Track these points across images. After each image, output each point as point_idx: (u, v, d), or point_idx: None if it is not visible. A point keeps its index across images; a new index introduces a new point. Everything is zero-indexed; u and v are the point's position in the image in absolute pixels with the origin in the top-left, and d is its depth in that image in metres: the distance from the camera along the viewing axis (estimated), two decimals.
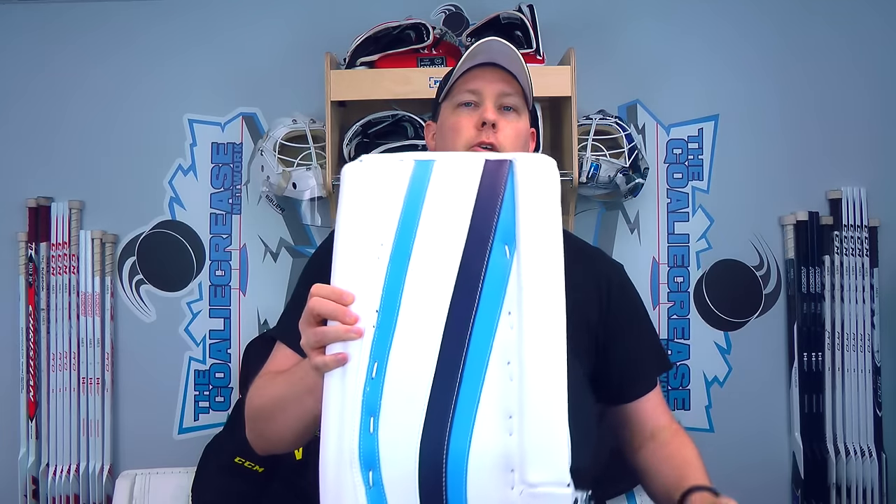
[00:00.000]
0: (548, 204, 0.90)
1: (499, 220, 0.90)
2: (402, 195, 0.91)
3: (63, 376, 2.29)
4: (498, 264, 0.87)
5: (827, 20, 2.34)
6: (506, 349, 0.84)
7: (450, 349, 0.84)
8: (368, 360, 0.84)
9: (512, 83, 1.19)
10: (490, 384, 0.83)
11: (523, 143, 1.22)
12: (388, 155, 0.95)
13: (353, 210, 0.91)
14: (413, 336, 0.85)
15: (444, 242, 0.89)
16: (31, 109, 2.38)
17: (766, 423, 2.30)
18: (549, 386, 0.83)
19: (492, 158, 0.94)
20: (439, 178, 0.92)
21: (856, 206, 2.28)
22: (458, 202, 0.91)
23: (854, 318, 2.26)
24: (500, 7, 2.08)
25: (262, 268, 2.35)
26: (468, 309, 0.85)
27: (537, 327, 0.84)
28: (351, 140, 2.12)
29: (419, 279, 0.87)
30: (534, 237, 0.88)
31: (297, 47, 2.34)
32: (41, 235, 2.33)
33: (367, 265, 0.88)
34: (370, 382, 0.83)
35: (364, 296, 0.87)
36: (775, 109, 2.34)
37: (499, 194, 0.91)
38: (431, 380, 0.83)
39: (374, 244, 0.89)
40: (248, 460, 2.04)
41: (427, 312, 0.86)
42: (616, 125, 2.15)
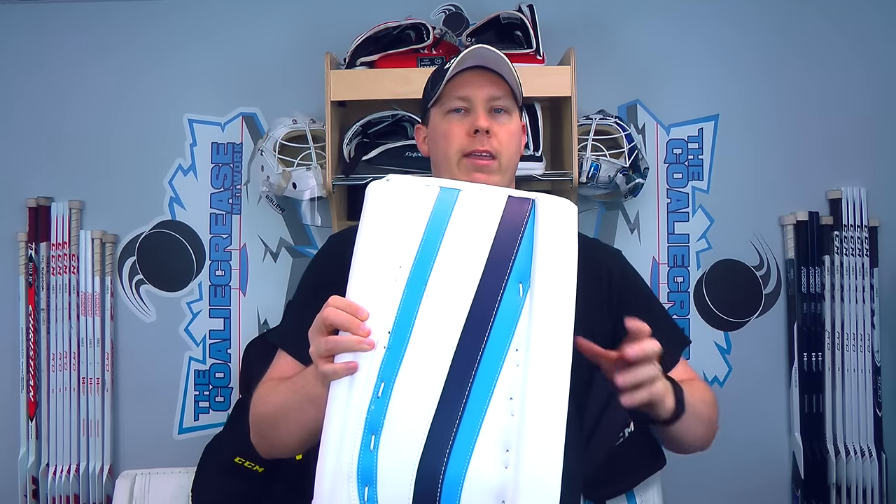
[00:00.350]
0: (565, 248, 0.93)
1: (516, 259, 0.92)
2: (424, 221, 0.94)
3: (63, 376, 2.29)
4: (511, 301, 0.90)
5: (827, 20, 2.34)
6: (510, 385, 0.87)
7: (456, 379, 0.86)
8: (376, 379, 0.86)
9: (500, 84, 1.19)
10: (491, 417, 0.85)
11: (517, 143, 1.23)
12: (415, 178, 0.98)
13: (375, 229, 0.94)
14: (422, 361, 0.87)
15: (460, 273, 0.92)
16: (31, 109, 2.38)
17: (766, 423, 2.30)
18: (548, 425, 0.85)
19: (515, 195, 0.97)
20: (462, 209, 0.95)
21: (856, 206, 2.28)
22: (478, 235, 0.94)
23: (854, 318, 2.25)
24: (500, 7, 2.08)
25: (262, 268, 2.35)
26: (478, 341, 0.88)
27: (543, 367, 0.87)
28: (351, 140, 2.12)
29: (433, 306, 0.90)
30: (548, 279, 0.91)
31: (297, 47, 2.34)
32: (41, 235, 2.33)
33: (383, 285, 0.90)
34: (375, 401, 0.85)
35: (378, 315, 0.89)
36: (775, 109, 2.34)
37: (518, 232, 0.94)
38: (435, 406, 0.85)
39: (393, 266, 0.91)
40: (248, 460, 2.04)
41: (437, 340, 0.88)
42: (616, 125, 2.15)
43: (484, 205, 0.96)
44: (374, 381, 0.86)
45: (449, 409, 0.85)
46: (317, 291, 1.21)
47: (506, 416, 0.85)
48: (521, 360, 0.87)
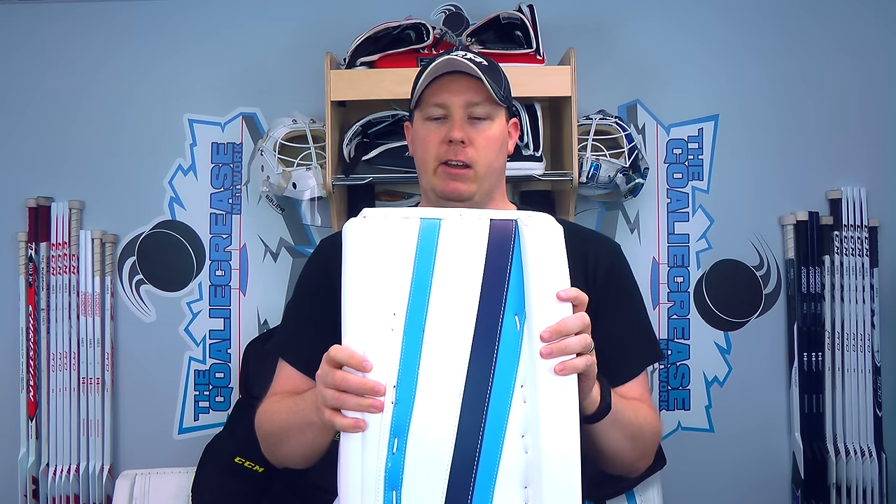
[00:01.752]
0: (555, 273, 0.92)
1: (508, 290, 0.91)
2: (411, 259, 0.92)
3: (63, 376, 2.29)
4: (510, 337, 0.89)
5: (827, 20, 2.34)
6: (521, 422, 0.87)
7: (468, 424, 0.86)
8: (389, 436, 0.86)
9: (480, 90, 1.17)
10: (507, 456, 0.86)
11: (498, 148, 1.21)
12: (393, 212, 0.95)
13: (361, 273, 0.91)
14: (432, 411, 0.87)
15: (456, 313, 0.90)
16: (32, 109, 2.38)
17: (766, 423, 2.30)
18: (563, 457, 0.86)
19: (496, 218, 0.95)
20: (447, 241, 0.93)
21: (856, 206, 2.27)
22: (467, 269, 0.92)
23: (854, 318, 2.25)
24: (500, 7, 2.08)
25: (262, 268, 2.35)
26: (484, 383, 0.87)
27: (550, 401, 0.87)
28: (351, 140, 2.12)
29: (434, 352, 0.89)
30: (542, 308, 0.90)
31: (297, 47, 2.34)
32: (41, 235, 2.33)
33: (381, 337, 0.89)
34: (391, 457, 0.85)
35: (381, 371, 0.87)
36: (775, 109, 2.33)
37: (507, 261, 0.92)
38: (451, 454, 0.85)
39: (387, 313, 0.89)
40: (248, 460, 2.04)
41: (444, 387, 0.87)
42: (616, 125, 2.15)
43: (468, 233, 0.94)
44: (388, 438, 0.85)
45: (465, 454, 0.85)
46: (311, 299, 1.22)
47: (520, 453, 0.86)
48: (527, 396, 0.88)
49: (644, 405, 1.16)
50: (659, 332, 2.29)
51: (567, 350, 0.89)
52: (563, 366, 0.88)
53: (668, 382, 2.31)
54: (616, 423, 1.05)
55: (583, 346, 0.90)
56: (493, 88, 1.16)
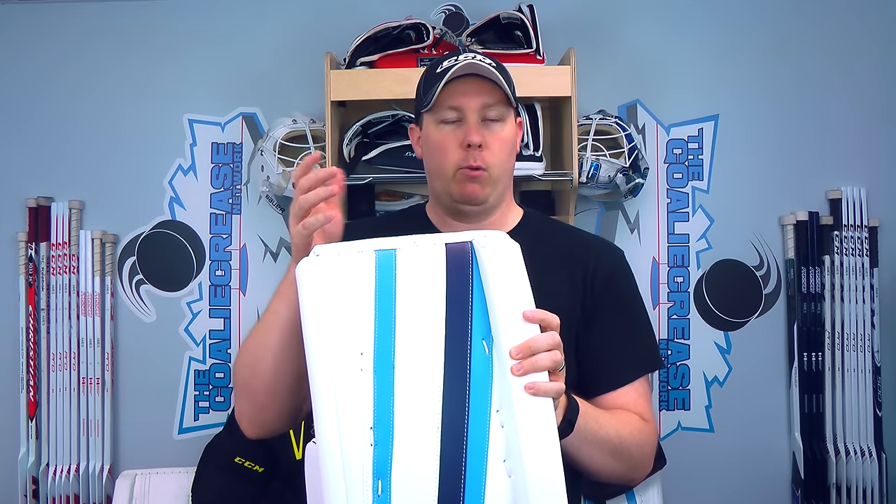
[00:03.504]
0: (516, 289, 0.90)
1: (472, 316, 0.90)
2: (370, 294, 0.90)
3: (63, 376, 2.29)
4: (480, 363, 0.88)
5: (827, 20, 2.34)
6: (500, 446, 0.86)
7: (449, 456, 0.85)
8: (372, 479, 0.84)
9: (493, 92, 1.17)
10: (491, 482, 0.85)
11: (510, 150, 1.21)
12: (346, 247, 0.93)
13: (321, 315, 0.88)
14: (412, 448, 0.86)
15: (424, 345, 0.89)
16: (32, 109, 2.38)
17: (766, 423, 2.30)
18: (546, 476, 0.85)
19: (451, 242, 0.93)
20: (405, 272, 0.91)
21: (856, 206, 2.27)
22: (429, 297, 0.90)
23: (854, 318, 2.25)
24: (500, 7, 2.08)
25: (262, 268, 2.35)
26: (460, 413, 0.87)
27: (526, 422, 0.86)
28: (351, 140, 2.12)
29: (407, 388, 0.87)
30: (509, 330, 0.89)
31: (297, 47, 2.33)
32: (41, 235, 2.33)
33: (351, 380, 0.87)
34: (377, 500, 0.84)
35: (356, 414, 0.86)
36: (775, 109, 2.33)
37: (468, 283, 0.91)
38: (437, 488, 0.85)
39: (354, 354, 0.87)
40: (248, 460, 2.04)
41: (421, 422, 0.86)
42: (616, 125, 2.15)
43: (425, 261, 0.92)
44: (371, 481, 0.84)
45: (450, 486, 0.85)
46: None
47: (504, 478, 0.85)
48: (504, 420, 0.87)
49: (632, 416, 1.14)
50: (659, 332, 2.29)
51: (537, 366, 0.87)
52: (535, 388, 0.87)
53: (668, 382, 2.31)
54: (588, 440, 1.04)
55: (553, 362, 0.89)
56: (507, 91, 1.17)
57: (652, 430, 1.17)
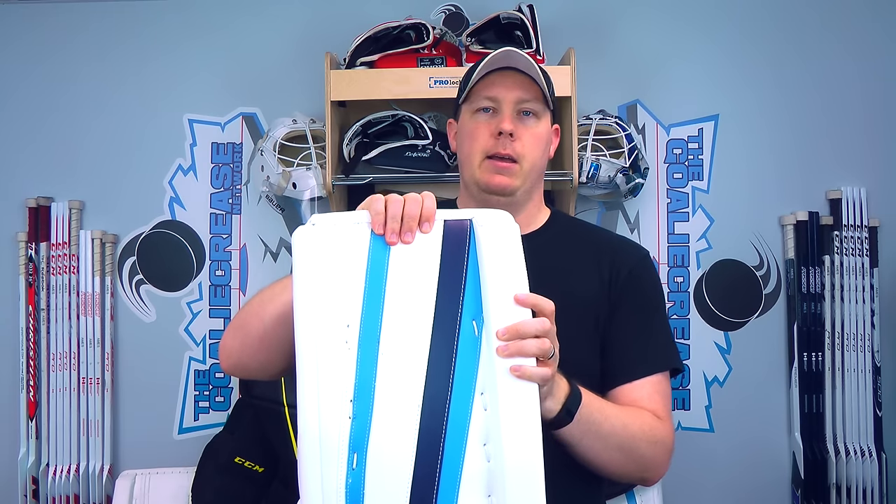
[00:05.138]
0: (511, 270, 0.89)
1: (465, 294, 0.89)
2: (363, 266, 0.89)
3: (63, 376, 2.29)
4: (468, 343, 0.87)
5: (826, 20, 2.34)
6: (481, 430, 0.85)
7: (428, 435, 0.84)
8: (348, 452, 0.84)
9: (531, 87, 1.17)
10: (469, 465, 0.84)
11: (543, 147, 1.20)
12: (343, 216, 0.92)
13: (312, 285, 0.88)
14: (390, 424, 0.85)
15: (412, 320, 0.87)
16: (31, 109, 2.38)
17: (766, 423, 2.30)
18: (526, 464, 0.84)
19: (451, 219, 0.92)
20: (400, 245, 0.90)
21: (856, 206, 2.27)
22: (422, 273, 0.89)
23: (854, 318, 2.25)
24: (500, 7, 2.08)
25: (262, 268, 2.35)
26: (443, 393, 0.85)
27: (510, 408, 0.85)
28: (351, 140, 2.12)
29: (391, 363, 0.86)
30: (501, 312, 0.87)
31: (297, 47, 2.34)
32: (41, 235, 2.33)
33: (335, 352, 0.86)
34: (351, 474, 0.83)
35: (337, 385, 0.85)
36: (775, 109, 2.33)
37: (462, 263, 0.90)
38: (412, 466, 0.84)
39: (340, 326, 0.87)
40: (248, 460, 2.04)
41: (402, 399, 0.85)
42: (616, 125, 2.15)
43: (421, 236, 0.91)
44: (347, 454, 0.83)
45: (426, 466, 0.83)
46: None
47: (483, 462, 0.84)
48: (488, 404, 0.85)
49: (643, 412, 1.12)
50: None
51: (523, 351, 0.87)
52: (521, 371, 0.86)
53: None
54: (591, 432, 1.02)
55: (541, 350, 0.88)
56: (544, 88, 1.17)
57: (666, 428, 1.14)
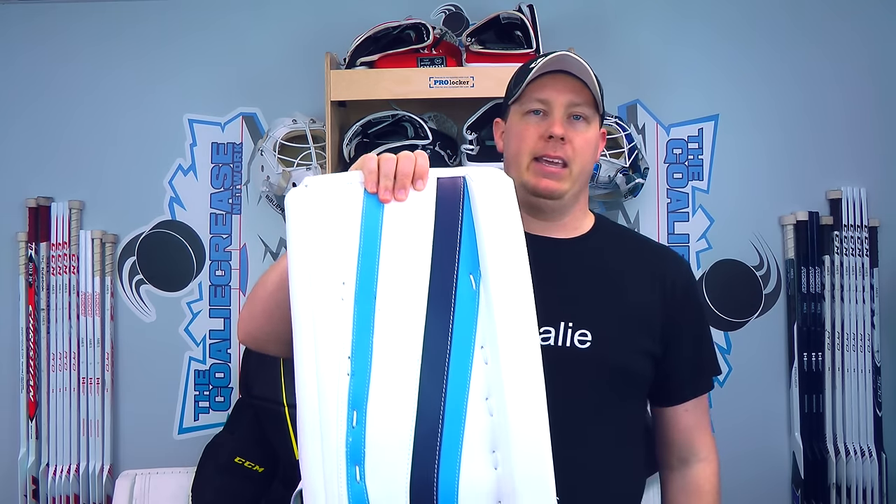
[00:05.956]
0: (508, 227, 0.89)
1: (461, 249, 0.88)
2: (357, 224, 0.88)
3: (63, 376, 2.29)
4: (466, 297, 0.86)
5: (827, 20, 2.34)
6: (483, 384, 0.84)
7: (428, 390, 0.83)
8: (347, 409, 0.82)
9: (582, 91, 1.17)
10: (472, 420, 0.83)
11: (592, 151, 1.20)
12: (336, 176, 0.92)
13: (306, 244, 0.87)
14: (389, 380, 0.84)
15: (408, 277, 0.87)
16: (32, 110, 2.38)
17: (766, 423, 2.30)
18: (529, 417, 0.83)
19: (444, 176, 0.92)
20: (394, 203, 0.90)
21: (856, 206, 2.27)
22: (417, 229, 0.89)
23: (854, 318, 2.25)
24: (500, 7, 2.08)
25: (262, 268, 2.35)
26: (442, 347, 0.84)
27: (512, 360, 0.84)
28: (351, 140, 2.12)
29: (388, 319, 0.85)
30: (499, 266, 0.87)
31: (297, 47, 2.34)
32: (41, 235, 2.33)
33: (331, 308, 0.85)
34: (351, 432, 0.82)
35: (334, 342, 0.84)
36: (775, 109, 2.33)
37: (457, 219, 0.89)
38: (413, 422, 0.83)
39: (336, 283, 0.86)
40: (248, 460, 2.04)
41: (401, 354, 0.84)
42: (616, 125, 2.15)
43: (415, 194, 0.90)
44: (346, 412, 0.82)
45: (427, 423, 0.82)
46: None
47: (486, 416, 0.83)
48: (488, 357, 0.85)
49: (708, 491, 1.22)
50: None
51: None
52: None
53: None
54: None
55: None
56: (595, 93, 1.17)
57: (713, 468, 1.24)
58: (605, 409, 1.13)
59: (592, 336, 1.11)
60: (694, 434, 1.24)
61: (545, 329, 1.11)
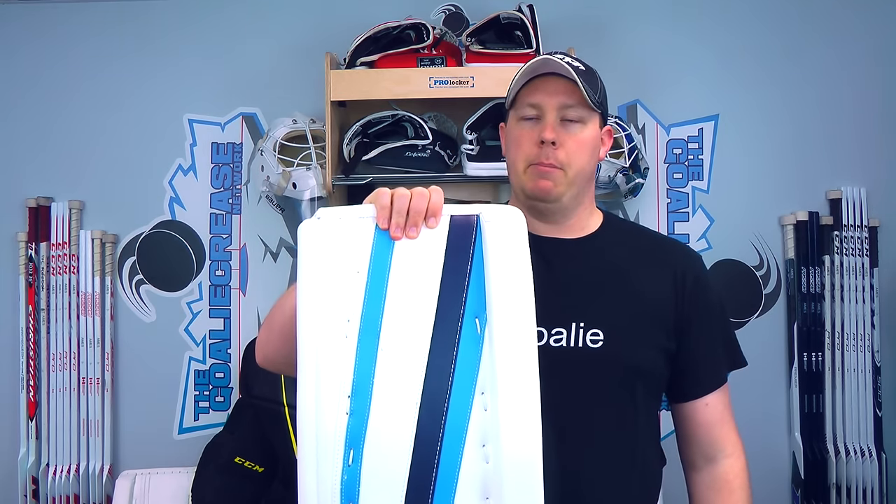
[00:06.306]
0: (517, 270, 0.88)
1: (468, 291, 0.87)
2: (366, 261, 0.88)
3: (63, 376, 2.29)
4: (469, 341, 0.86)
5: (827, 20, 2.34)
6: (481, 431, 0.84)
7: (425, 434, 0.83)
8: (344, 448, 0.83)
9: (574, 92, 1.16)
10: (467, 466, 0.83)
11: (590, 152, 1.19)
12: (349, 209, 0.91)
13: (315, 278, 0.87)
14: (388, 421, 0.84)
15: (413, 316, 0.86)
16: (32, 109, 2.38)
17: (766, 423, 2.30)
18: (525, 466, 0.83)
19: (457, 214, 0.91)
20: (405, 241, 0.89)
21: (856, 206, 2.27)
22: (425, 268, 0.88)
23: (854, 318, 2.25)
24: (500, 7, 2.08)
25: (262, 268, 2.35)
26: (442, 391, 0.84)
27: (511, 409, 0.84)
28: (351, 140, 2.12)
29: (390, 359, 0.85)
30: (505, 311, 0.86)
31: (297, 47, 2.33)
32: (41, 235, 2.33)
33: (334, 345, 0.85)
34: (347, 471, 0.82)
35: (334, 380, 0.84)
36: (775, 109, 2.33)
37: (467, 259, 0.88)
38: (409, 465, 0.83)
39: (341, 320, 0.86)
40: (248, 460, 2.04)
41: (400, 396, 0.84)
42: (616, 125, 2.15)
43: (426, 232, 0.90)
44: (343, 450, 0.82)
45: (423, 466, 0.82)
46: None
47: (481, 463, 0.83)
48: (488, 404, 0.84)
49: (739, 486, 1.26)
50: None
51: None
52: None
53: None
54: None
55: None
56: (587, 92, 1.15)
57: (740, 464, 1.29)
58: (619, 408, 1.13)
59: (604, 335, 1.11)
60: (716, 430, 1.25)
61: (557, 330, 1.11)
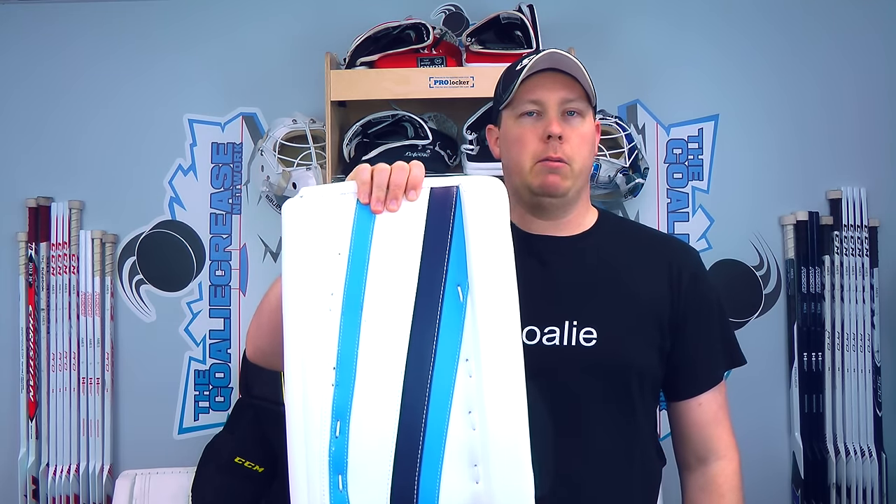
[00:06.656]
0: (498, 238, 0.88)
1: (449, 260, 0.88)
2: (347, 235, 0.89)
3: (63, 376, 2.29)
4: (452, 309, 0.86)
5: (827, 20, 2.34)
6: (466, 398, 0.84)
7: (411, 402, 0.84)
8: (330, 420, 0.84)
9: (574, 87, 1.16)
10: (453, 434, 0.84)
11: (589, 146, 1.19)
12: (330, 187, 0.93)
13: (298, 255, 0.89)
14: (373, 391, 0.85)
15: (395, 287, 0.88)
16: (32, 109, 2.38)
17: (766, 423, 2.30)
18: (511, 432, 0.84)
19: (437, 186, 0.92)
20: (386, 214, 0.90)
21: (856, 206, 2.27)
22: (406, 240, 0.89)
23: (854, 318, 2.25)
24: (500, 7, 2.08)
25: (262, 268, 2.35)
26: (426, 359, 0.85)
27: (496, 375, 0.84)
28: (351, 140, 2.12)
29: (374, 330, 0.86)
30: (487, 278, 0.87)
31: (297, 47, 2.34)
32: (41, 235, 2.33)
33: (318, 319, 0.87)
34: (334, 441, 0.83)
35: (319, 353, 0.86)
36: (775, 109, 2.33)
37: (447, 229, 0.89)
38: (395, 434, 0.83)
39: (324, 294, 0.87)
40: (248, 460, 2.04)
41: (385, 366, 0.85)
42: (616, 125, 2.15)
43: (407, 204, 0.91)
44: (329, 422, 0.84)
45: (409, 435, 0.83)
46: None
47: (467, 430, 0.84)
48: (472, 371, 0.85)
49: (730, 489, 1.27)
50: None
51: None
52: None
53: None
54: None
55: None
56: (587, 86, 1.16)
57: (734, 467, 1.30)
58: (615, 406, 1.13)
59: (598, 334, 1.11)
60: (709, 430, 1.24)
61: (550, 329, 1.10)
